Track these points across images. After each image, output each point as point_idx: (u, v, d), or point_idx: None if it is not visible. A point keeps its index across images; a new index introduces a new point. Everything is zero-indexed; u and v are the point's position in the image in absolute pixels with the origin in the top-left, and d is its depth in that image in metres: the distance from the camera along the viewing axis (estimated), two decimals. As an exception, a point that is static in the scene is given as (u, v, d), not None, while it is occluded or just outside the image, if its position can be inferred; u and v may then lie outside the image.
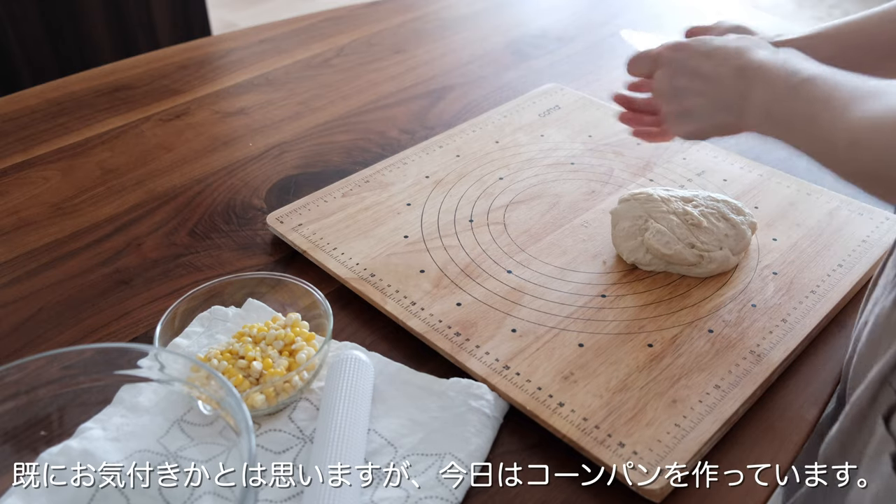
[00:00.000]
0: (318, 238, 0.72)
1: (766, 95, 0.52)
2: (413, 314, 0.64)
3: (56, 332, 0.64)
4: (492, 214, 0.76)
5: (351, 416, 0.53)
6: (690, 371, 0.59)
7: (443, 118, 0.97)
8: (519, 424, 0.56)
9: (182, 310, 0.61)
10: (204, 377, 0.52)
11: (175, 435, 0.53)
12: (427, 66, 1.11)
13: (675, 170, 0.84)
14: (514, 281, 0.68)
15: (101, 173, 0.85)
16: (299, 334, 0.60)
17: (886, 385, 0.50)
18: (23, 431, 0.51)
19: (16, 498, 0.48)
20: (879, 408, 0.50)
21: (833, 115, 0.47)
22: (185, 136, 0.92)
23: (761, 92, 0.53)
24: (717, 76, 0.56)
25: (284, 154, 0.89)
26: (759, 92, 0.53)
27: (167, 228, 0.77)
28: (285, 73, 1.08)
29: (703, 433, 0.54)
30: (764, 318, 0.64)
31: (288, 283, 0.63)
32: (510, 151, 0.87)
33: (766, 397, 0.59)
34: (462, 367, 0.59)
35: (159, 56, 1.11)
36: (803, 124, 0.50)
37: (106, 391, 0.54)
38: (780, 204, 0.78)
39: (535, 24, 1.26)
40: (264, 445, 0.54)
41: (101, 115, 0.96)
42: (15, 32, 1.65)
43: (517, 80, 1.07)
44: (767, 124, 0.53)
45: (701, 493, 0.52)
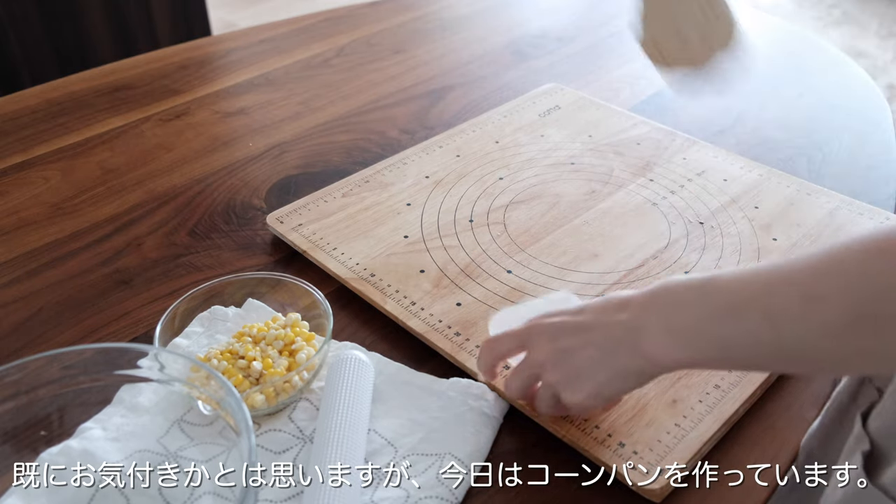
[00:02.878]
0: (318, 238, 0.72)
1: (659, 311, 0.46)
2: (413, 314, 0.64)
3: (56, 332, 0.64)
4: (492, 214, 0.76)
5: (351, 416, 0.53)
6: (690, 371, 0.59)
7: (443, 118, 0.97)
8: (519, 424, 0.56)
9: (182, 310, 0.61)
10: (204, 377, 0.52)
11: (175, 435, 0.53)
12: (427, 66, 1.11)
13: (676, 170, 0.84)
14: (514, 281, 0.68)
15: (101, 173, 0.85)
16: (299, 334, 0.60)
17: (867, 382, 0.50)
18: (23, 431, 0.51)
19: (16, 498, 0.48)
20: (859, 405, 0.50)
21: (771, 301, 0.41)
22: (185, 136, 0.93)
23: (651, 312, 0.46)
24: (599, 322, 0.49)
25: (284, 154, 0.89)
26: (648, 315, 0.46)
27: (167, 228, 0.77)
28: (285, 73, 1.08)
29: (703, 433, 0.54)
30: (764, 318, 0.64)
31: (288, 283, 0.63)
32: (510, 151, 0.87)
33: (766, 397, 0.59)
34: (462, 367, 0.59)
35: (159, 56, 1.11)
36: (721, 317, 0.43)
37: (106, 391, 0.54)
38: (780, 204, 0.78)
39: (535, 24, 1.26)
40: (264, 445, 0.54)
41: (101, 115, 0.96)
42: (15, 32, 1.65)
43: (517, 80, 1.07)
44: (670, 339, 0.45)
45: (701, 493, 0.52)
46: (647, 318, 0.46)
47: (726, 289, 0.44)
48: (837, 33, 3.01)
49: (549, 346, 0.51)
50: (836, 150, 0.91)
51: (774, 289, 0.42)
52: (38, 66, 1.71)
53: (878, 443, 0.48)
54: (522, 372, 0.53)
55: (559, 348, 0.50)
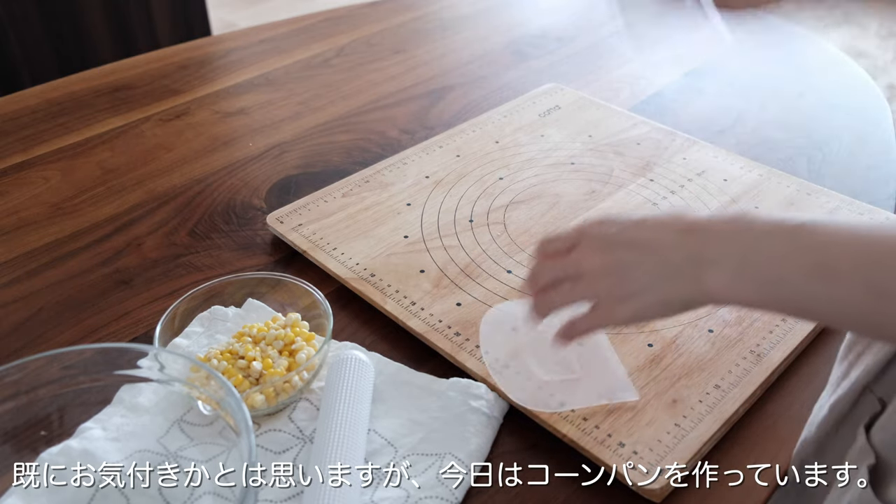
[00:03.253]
0: (318, 238, 0.72)
1: (737, 247, 0.43)
2: (413, 314, 0.64)
3: (56, 332, 0.64)
4: (492, 214, 0.76)
5: (351, 416, 0.53)
6: (690, 371, 0.59)
7: (443, 118, 0.97)
8: (519, 424, 0.56)
9: (182, 310, 0.61)
10: (204, 377, 0.52)
11: (175, 435, 0.53)
12: (427, 66, 1.11)
13: (676, 170, 0.84)
14: (514, 281, 0.68)
15: (101, 173, 0.85)
16: (299, 334, 0.60)
17: (868, 392, 0.48)
18: (23, 431, 0.51)
19: (16, 498, 0.48)
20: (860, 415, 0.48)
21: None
22: (185, 136, 0.93)
23: (726, 245, 0.43)
24: (659, 242, 0.46)
25: (284, 154, 0.89)
26: (720, 247, 0.43)
27: (167, 228, 0.77)
28: (285, 73, 1.08)
29: (703, 433, 0.54)
30: (764, 318, 0.64)
31: (288, 283, 0.63)
32: (510, 151, 0.87)
33: (766, 397, 0.59)
34: (462, 367, 0.59)
35: (159, 56, 1.11)
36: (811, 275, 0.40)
37: (106, 391, 0.54)
38: (780, 204, 0.78)
39: (535, 24, 1.26)
40: (264, 445, 0.54)
41: (101, 115, 0.96)
42: (15, 32, 1.65)
43: (517, 80, 1.07)
44: (742, 280, 0.42)
45: (701, 493, 0.52)
46: (720, 250, 0.43)
47: (822, 245, 0.40)
48: (837, 33, 3.01)
49: (600, 257, 0.47)
50: (836, 150, 0.91)
51: (882, 260, 0.39)
52: (38, 66, 1.71)
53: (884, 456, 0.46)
54: (563, 276, 0.49)
55: (611, 261, 0.47)
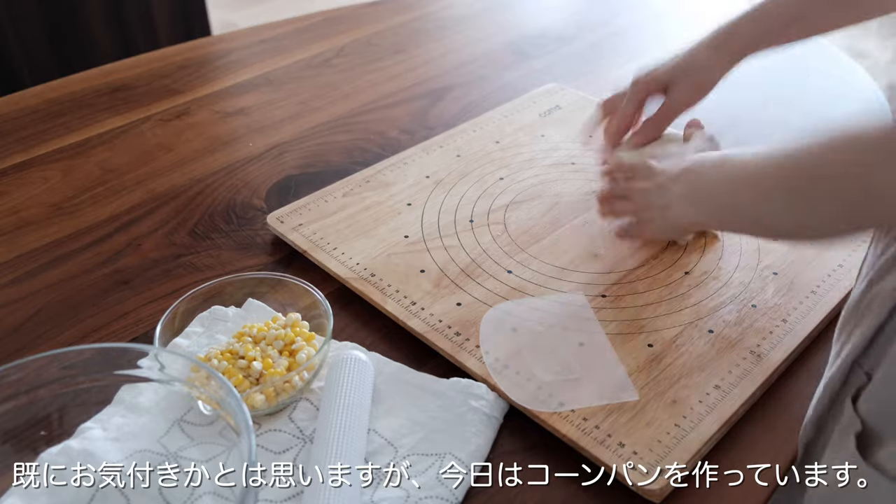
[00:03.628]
0: (318, 238, 0.72)
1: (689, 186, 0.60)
2: (413, 314, 0.64)
3: (56, 332, 0.64)
4: (492, 214, 0.76)
5: (351, 416, 0.53)
6: (690, 371, 0.59)
7: (443, 118, 0.97)
8: (519, 424, 0.56)
9: (182, 310, 0.61)
10: (204, 377, 0.52)
11: (175, 435, 0.53)
12: (427, 66, 1.11)
13: (675, 170, 0.83)
14: (514, 281, 0.68)
15: (101, 173, 0.85)
16: (299, 334, 0.60)
17: (857, 367, 0.51)
18: (23, 431, 0.51)
19: (16, 498, 0.48)
20: (850, 389, 0.51)
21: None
22: (185, 136, 0.93)
23: (684, 186, 0.61)
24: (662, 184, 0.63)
25: (284, 154, 0.89)
26: (683, 187, 0.61)
27: (167, 228, 0.77)
28: (285, 73, 1.08)
29: (703, 433, 0.54)
30: (764, 319, 0.64)
31: (288, 283, 0.63)
32: (510, 151, 0.87)
33: (766, 397, 0.59)
34: (462, 367, 0.59)
35: (159, 56, 1.11)
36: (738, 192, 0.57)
37: (106, 391, 0.54)
38: (780, 204, 0.78)
39: (535, 24, 1.26)
40: (264, 445, 0.54)
41: (101, 115, 0.96)
42: (15, 32, 1.65)
43: (517, 80, 1.07)
44: (693, 208, 0.60)
45: (701, 493, 0.52)
46: (683, 189, 0.61)
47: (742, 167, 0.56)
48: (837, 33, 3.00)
49: (638, 187, 0.66)
50: (836, 150, 0.91)
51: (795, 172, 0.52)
52: (38, 66, 1.71)
53: (869, 424, 0.49)
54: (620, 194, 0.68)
55: (640, 193, 0.65)
